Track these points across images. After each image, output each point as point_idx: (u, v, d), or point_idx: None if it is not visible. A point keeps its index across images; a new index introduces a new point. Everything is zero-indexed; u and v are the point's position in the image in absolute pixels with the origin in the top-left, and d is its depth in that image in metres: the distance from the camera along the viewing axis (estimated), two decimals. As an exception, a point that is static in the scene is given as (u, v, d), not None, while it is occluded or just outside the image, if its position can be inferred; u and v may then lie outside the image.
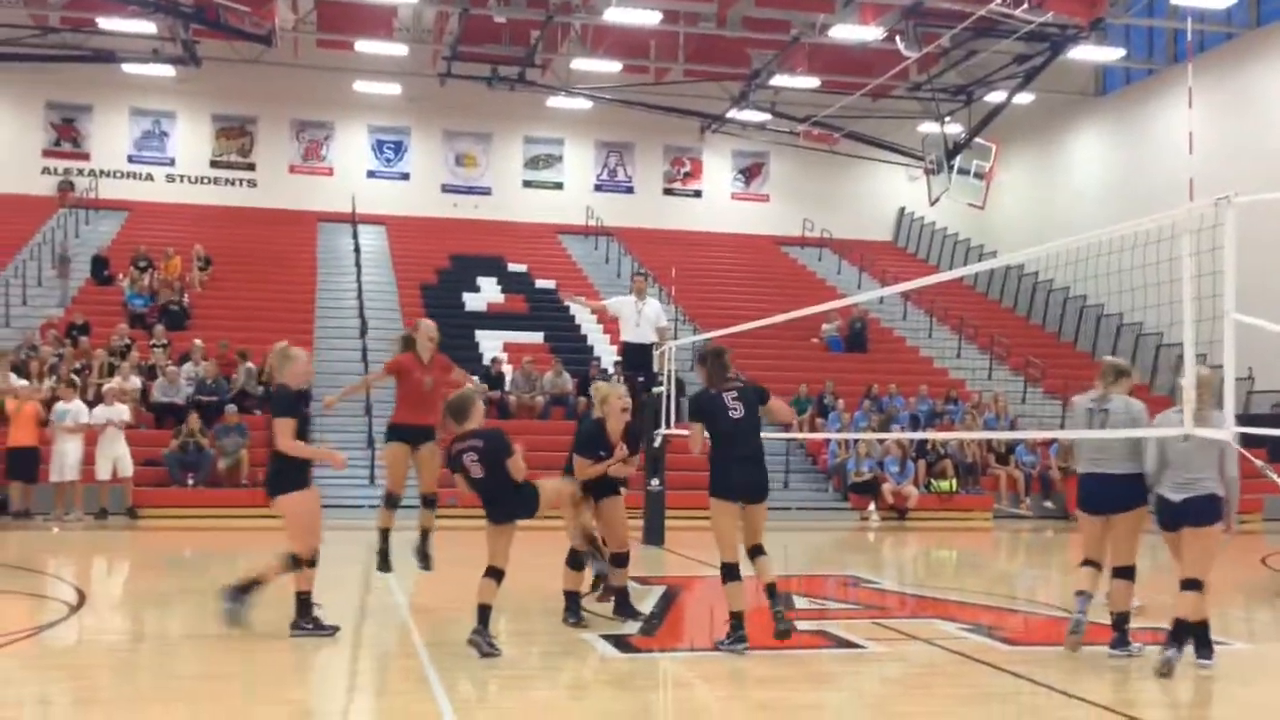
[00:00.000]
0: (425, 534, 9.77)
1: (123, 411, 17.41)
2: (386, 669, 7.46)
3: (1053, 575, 13.49)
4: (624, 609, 8.73)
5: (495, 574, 7.57)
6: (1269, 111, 24.34)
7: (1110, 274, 8.92)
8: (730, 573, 7.63)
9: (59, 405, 17.16)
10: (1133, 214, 7.75)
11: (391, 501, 9.79)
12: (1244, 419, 5.99)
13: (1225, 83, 24.88)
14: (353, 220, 29.82)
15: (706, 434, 7.85)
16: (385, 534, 9.85)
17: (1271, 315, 5.89)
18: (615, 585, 8.88)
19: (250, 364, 20.30)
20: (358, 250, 27.72)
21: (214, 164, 31.86)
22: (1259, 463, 6.21)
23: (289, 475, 7.89)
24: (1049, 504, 20.77)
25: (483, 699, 6.45)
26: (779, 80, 27.90)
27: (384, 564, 9.78)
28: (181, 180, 31.47)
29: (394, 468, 9.78)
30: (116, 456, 17.03)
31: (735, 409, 7.77)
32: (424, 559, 9.70)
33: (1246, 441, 7.14)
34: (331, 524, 15.98)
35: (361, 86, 30.45)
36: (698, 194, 34.91)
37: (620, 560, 8.80)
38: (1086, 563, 7.77)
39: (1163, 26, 26.99)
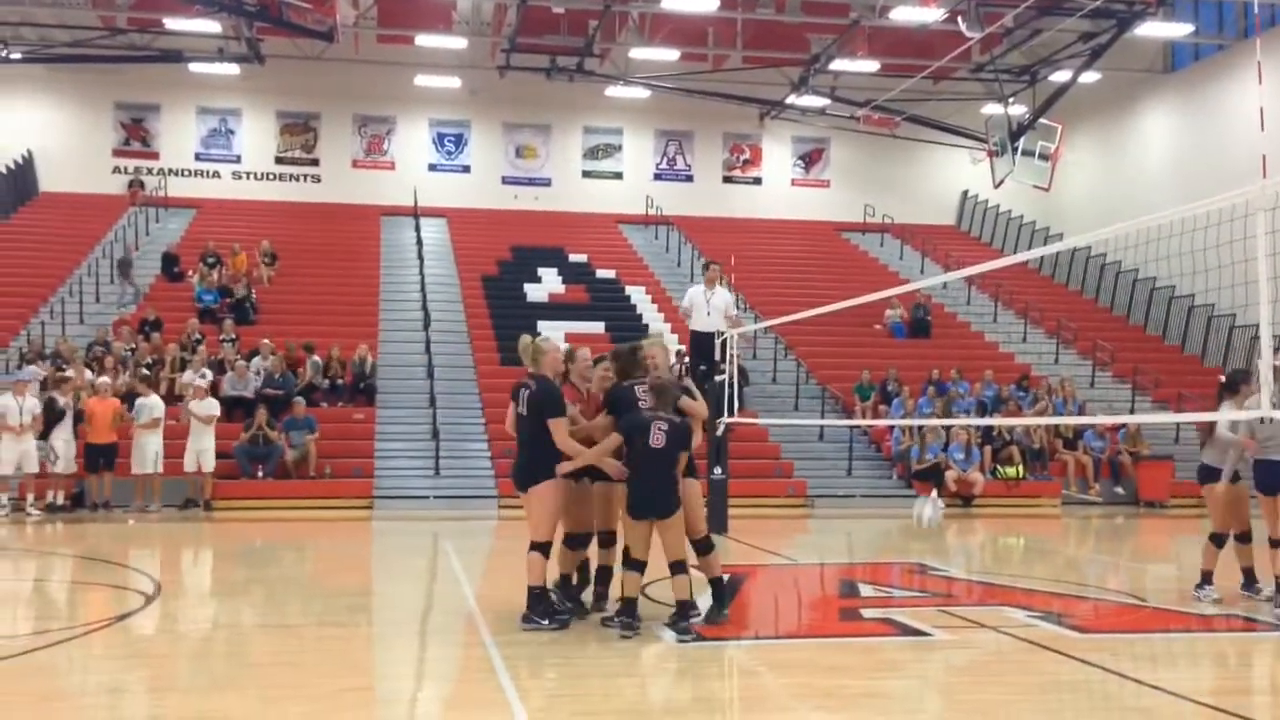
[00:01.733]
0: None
1: (213, 406, 17.70)
2: (453, 656, 7.53)
3: (1122, 562, 13.27)
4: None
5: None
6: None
7: (1182, 254, 8.75)
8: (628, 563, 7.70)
9: (138, 400, 17.47)
10: (1203, 193, 7.55)
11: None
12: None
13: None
14: (415, 213, 30.07)
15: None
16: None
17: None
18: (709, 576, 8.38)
19: (316, 357, 20.57)
20: (420, 243, 27.97)
21: (279, 160, 32.30)
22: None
23: (542, 468, 7.74)
24: (1119, 489, 20.42)
25: (546, 687, 6.48)
26: (838, 65, 27.64)
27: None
28: (248, 177, 31.96)
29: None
30: (202, 450, 17.31)
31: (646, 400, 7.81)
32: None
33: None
34: (395, 514, 16.19)
35: (422, 80, 30.67)
36: (757, 181, 34.73)
37: (701, 547, 8.21)
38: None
39: (1231, 1, 26.31)
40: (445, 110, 32.77)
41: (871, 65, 27.59)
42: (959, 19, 23.26)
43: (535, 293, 26.24)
